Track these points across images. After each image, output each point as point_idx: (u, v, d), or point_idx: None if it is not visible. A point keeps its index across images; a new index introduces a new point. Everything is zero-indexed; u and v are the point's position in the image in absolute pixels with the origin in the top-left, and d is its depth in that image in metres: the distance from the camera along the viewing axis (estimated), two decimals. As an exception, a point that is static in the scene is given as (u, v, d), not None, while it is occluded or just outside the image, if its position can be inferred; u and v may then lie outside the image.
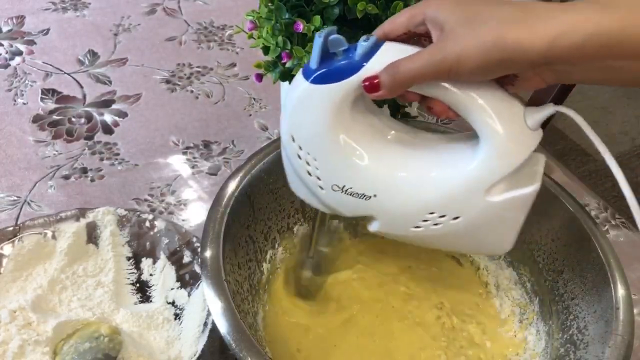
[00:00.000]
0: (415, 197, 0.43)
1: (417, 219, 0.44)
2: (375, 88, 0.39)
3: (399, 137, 0.45)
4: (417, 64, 0.37)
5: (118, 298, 0.56)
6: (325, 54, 0.40)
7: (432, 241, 0.46)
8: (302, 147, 0.43)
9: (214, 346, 0.51)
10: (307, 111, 0.42)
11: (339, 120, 0.42)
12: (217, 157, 0.74)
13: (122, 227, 0.59)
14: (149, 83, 0.84)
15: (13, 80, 0.82)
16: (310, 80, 0.41)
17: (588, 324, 0.47)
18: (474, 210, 0.42)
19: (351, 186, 0.44)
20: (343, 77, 0.40)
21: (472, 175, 0.41)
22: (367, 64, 0.39)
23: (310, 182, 0.45)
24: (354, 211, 0.45)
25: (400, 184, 0.43)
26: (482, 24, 0.35)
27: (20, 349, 0.48)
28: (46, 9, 0.96)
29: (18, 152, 0.72)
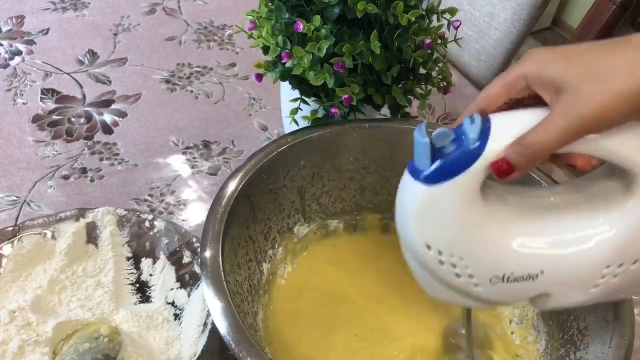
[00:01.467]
0: (585, 257, 0.39)
1: (594, 278, 0.40)
2: (508, 171, 0.36)
3: (538, 202, 0.42)
4: (552, 133, 0.35)
5: (118, 298, 0.56)
6: (434, 151, 0.37)
7: (615, 294, 0.42)
8: (442, 252, 0.39)
9: (213, 346, 0.51)
10: (437, 214, 0.39)
11: (475, 211, 0.39)
12: (217, 157, 0.74)
13: (122, 227, 0.59)
14: (148, 83, 0.84)
15: (13, 80, 0.82)
16: (428, 182, 0.37)
17: (588, 324, 0.47)
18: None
19: (512, 272, 0.40)
20: (465, 167, 0.37)
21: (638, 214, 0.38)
22: (487, 147, 0.36)
23: (461, 284, 0.41)
24: (523, 296, 0.42)
25: (564, 248, 0.40)
26: (611, 75, 0.33)
27: (19, 349, 0.48)
28: (46, 8, 0.96)
29: (18, 152, 0.72)
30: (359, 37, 0.56)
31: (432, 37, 0.59)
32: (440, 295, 0.43)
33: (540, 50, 0.37)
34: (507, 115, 0.37)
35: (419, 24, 0.56)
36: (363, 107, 0.62)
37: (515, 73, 0.37)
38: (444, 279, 0.41)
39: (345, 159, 0.59)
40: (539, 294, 0.41)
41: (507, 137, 0.36)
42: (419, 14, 0.55)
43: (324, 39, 0.55)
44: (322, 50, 0.55)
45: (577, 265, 0.40)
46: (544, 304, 0.42)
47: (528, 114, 0.36)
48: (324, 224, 0.61)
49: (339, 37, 0.56)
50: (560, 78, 0.35)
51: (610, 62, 0.34)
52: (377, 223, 0.63)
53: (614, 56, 0.34)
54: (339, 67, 0.55)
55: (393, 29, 0.56)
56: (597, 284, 0.40)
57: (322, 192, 0.60)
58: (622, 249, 0.39)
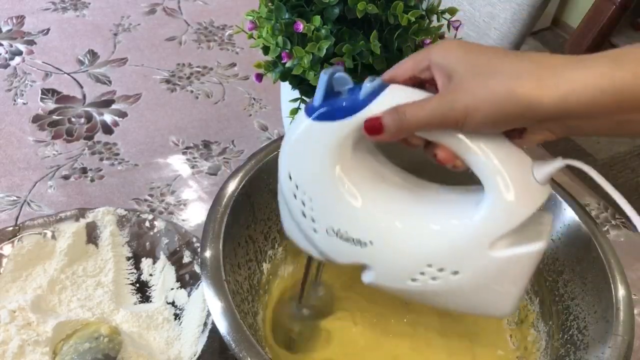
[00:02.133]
0: (413, 247, 0.41)
1: (414, 271, 0.41)
2: (377, 130, 0.38)
3: (401, 184, 0.43)
4: (425, 111, 0.36)
5: (118, 298, 0.56)
6: (330, 92, 0.39)
7: (429, 298, 0.43)
8: (298, 186, 0.42)
9: (213, 346, 0.51)
10: (307, 149, 0.41)
11: (339, 161, 0.40)
12: (217, 157, 0.74)
13: (122, 227, 0.59)
14: (149, 83, 0.84)
15: (13, 80, 0.82)
16: (312, 118, 0.39)
17: (588, 324, 0.47)
18: (475, 265, 0.40)
19: (346, 230, 0.42)
20: (345, 115, 0.39)
21: (475, 227, 0.39)
22: (370, 104, 0.38)
23: (304, 224, 0.43)
24: (348, 258, 0.43)
25: (399, 232, 0.41)
26: (493, 76, 0.34)
27: (20, 349, 0.48)
28: (46, 9, 0.96)
29: (18, 152, 0.72)
30: (359, 37, 0.56)
31: (432, 37, 0.59)
32: (292, 233, 0.45)
33: (453, 41, 0.38)
34: (402, 88, 0.39)
35: (419, 24, 0.56)
36: (363, 107, 0.61)
37: (424, 53, 0.39)
38: (294, 214, 0.43)
39: (345, 159, 0.59)
40: (363, 263, 0.43)
41: (391, 104, 0.38)
42: (419, 14, 0.55)
43: (324, 39, 0.55)
44: (322, 50, 0.55)
45: (402, 252, 0.41)
46: (366, 276, 0.44)
47: (420, 93, 0.38)
48: (324, 224, 0.61)
49: (339, 37, 0.56)
50: (453, 67, 0.36)
51: (500, 66, 0.35)
52: (377, 223, 0.63)
53: (507, 62, 0.35)
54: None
55: (393, 29, 0.56)
56: (415, 277, 0.41)
57: (322, 192, 0.60)
58: (446, 254, 0.40)
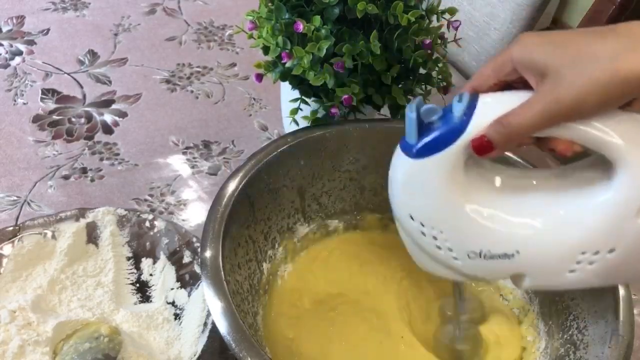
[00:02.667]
0: (561, 241, 0.40)
1: (570, 263, 0.40)
2: (487, 148, 0.37)
3: (520, 184, 0.42)
4: (530, 114, 0.36)
5: (118, 298, 0.56)
6: (421, 126, 0.39)
7: (591, 281, 0.42)
8: (424, 224, 0.41)
9: (213, 346, 0.51)
10: (421, 187, 0.40)
11: (456, 187, 0.40)
12: (217, 157, 0.74)
13: (122, 227, 0.59)
14: (149, 83, 0.84)
15: (13, 80, 0.82)
16: (414, 156, 0.39)
17: (588, 324, 0.47)
18: (628, 237, 0.39)
19: (489, 249, 0.41)
20: (449, 143, 0.38)
21: (617, 201, 0.38)
22: (470, 124, 0.37)
23: (441, 256, 0.42)
24: (500, 273, 0.43)
25: (541, 231, 0.40)
26: (592, 62, 0.34)
27: (20, 349, 0.48)
28: (46, 9, 0.96)
29: (18, 152, 0.72)
30: (359, 37, 0.56)
31: (432, 37, 0.59)
32: (428, 266, 0.45)
33: (529, 35, 0.37)
34: (494, 96, 0.38)
35: (419, 24, 0.56)
36: (363, 107, 0.62)
37: (504, 56, 0.38)
38: (427, 250, 0.43)
39: (345, 159, 0.59)
40: (515, 273, 0.42)
41: (490, 117, 0.37)
42: (419, 14, 0.55)
43: (324, 39, 0.55)
44: (322, 51, 0.55)
45: (552, 249, 0.40)
46: (522, 283, 0.43)
47: (514, 96, 0.37)
48: (324, 224, 0.61)
49: (339, 37, 0.56)
50: (545, 62, 0.35)
51: (592, 50, 0.34)
52: (377, 223, 0.63)
53: (597, 44, 0.34)
54: (339, 67, 0.55)
55: (393, 29, 0.56)
56: (572, 269, 0.41)
57: (322, 192, 0.60)
58: (598, 236, 0.39)
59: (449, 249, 0.42)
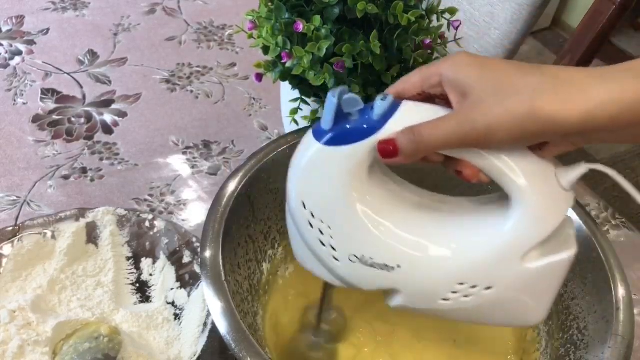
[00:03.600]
0: (443, 267, 0.40)
1: (445, 291, 0.40)
2: (392, 153, 0.36)
3: (422, 202, 0.42)
4: (443, 131, 0.35)
5: (118, 298, 0.56)
6: (340, 114, 0.37)
7: (460, 315, 0.42)
8: (314, 215, 0.40)
9: (213, 346, 0.51)
10: (321, 176, 0.39)
11: (356, 185, 0.39)
12: (217, 157, 0.74)
13: (122, 227, 0.59)
14: (149, 83, 0.84)
15: (13, 80, 0.82)
16: (323, 142, 0.38)
17: (588, 324, 0.47)
18: (508, 279, 0.39)
19: (371, 256, 0.40)
20: (360, 138, 0.37)
21: (506, 241, 0.38)
22: (385, 125, 0.37)
23: (323, 253, 0.41)
24: (374, 284, 0.42)
25: (427, 253, 0.40)
26: (512, 95, 0.34)
27: (20, 349, 0.48)
28: (46, 9, 0.96)
29: (18, 152, 0.72)
30: (359, 37, 0.56)
31: (432, 37, 0.59)
32: (306, 262, 0.43)
33: (463, 54, 0.37)
34: (417, 105, 0.38)
35: (419, 24, 0.56)
36: (363, 107, 0.61)
37: (433, 68, 0.38)
38: (310, 243, 0.41)
39: (345, 159, 0.59)
40: (390, 287, 0.42)
41: (406, 124, 0.36)
42: (419, 14, 0.55)
43: (324, 39, 0.55)
44: (322, 50, 0.55)
45: (432, 273, 0.40)
46: (394, 300, 0.42)
47: (435, 109, 0.37)
48: (324, 224, 0.61)
49: (339, 37, 0.56)
50: (469, 84, 0.35)
51: (516, 83, 0.34)
52: (377, 223, 0.63)
53: (522, 78, 0.34)
54: (339, 67, 0.55)
55: (393, 29, 0.56)
56: (446, 297, 0.40)
57: (322, 192, 0.60)
58: (479, 270, 0.39)
59: (333, 247, 0.40)
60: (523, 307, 0.41)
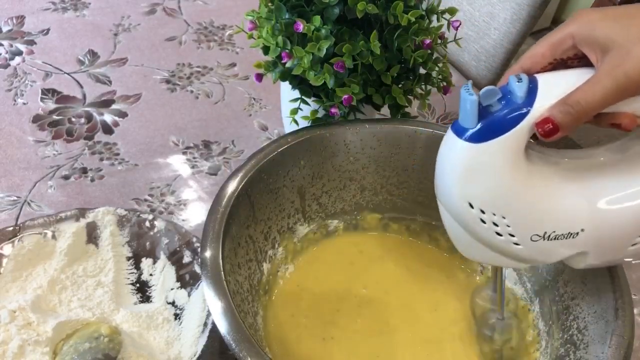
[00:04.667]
0: (626, 214, 0.40)
1: (633, 237, 0.41)
2: (553, 131, 0.36)
3: (577, 163, 0.42)
4: (599, 93, 0.35)
5: (118, 298, 0.56)
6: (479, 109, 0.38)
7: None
8: (484, 211, 0.40)
9: (213, 346, 0.51)
10: (483, 173, 0.39)
11: (519, 170, 0.39)
12: (217, 157, 0.74)
13: (122, 227, 0.59)
14: (149, 83, 0.84)
15: (13, 80, 0.82)
16: (475, 140, 0.38)
17: (588, 324, 0.47)
18: None
19: (553, 230, 0.41)
20: (513, 125, 0.37)
21: None
22: (534, 106, 0.36)
23: (502, 242, 0.42)
24: (562, 253, 0.43)
25: (605, 207, 0.40)
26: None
27: (20, 349, 0.48)
28: (46, 9, 0.96)
29: (18, 152, 0.72)
30: (359, 37, 0.56)
31: (432, 37, 0.59)
32: (475, 254, 0.44)
33: (589, 11, 0.37)
34: (554, 75, 0.37)
35: (419, 24, 0.56)
36: (363, 107, 0.62)
37: (562, 33, 0.37)
38: (484, 238, 0.42)
39: (345, 159, 0.59)
40: (577, 252, 0.42)
41: (554, 97, 0.36)
42: (419, 14, 0.55)
43: (324, 39, 0.55)
44: (322, 50, 0.55)
45: (618, 224, 0.40)
46: (580, 262, 0.43)
47: (574, 74, 0.36)
48: (324, 224, 0.61)
49: (339, 37, 0.56)
50: (609, 38, 0.35)
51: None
52: (377, 223, 0.63)
53: None
54: (339, 67, 0.55)
55: (393, 29, 0.56)
56: (635, 242, 0.41)
57: (322, 192, 0.60)
58: None
59: (511, 234, 0.41)
60: None
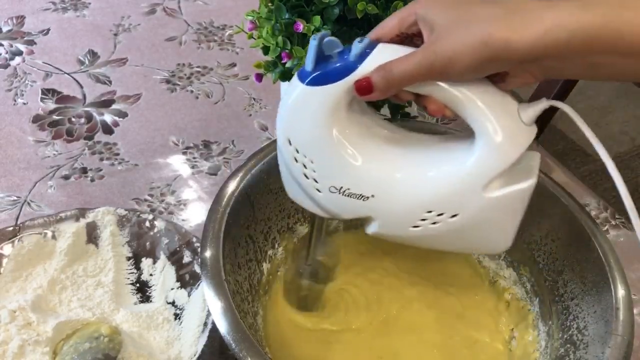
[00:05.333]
0: (413, 196, 0.43)
1: (415, 218, 0.44)
2: (367, 90, 0.39)
3: (396, 137, 0.45)
4: (410, 65, 0.38)
5: (118, 298, 0.56)
6: (321, 57, 0.41)
7: (431, 241, 0.45)
8: (298, 150, 0.43)
9: (213, 346, 0.51)
10: (303, 113, 0.42)
11: (336, 122, 0.42)
12: (217, 157, 0.74)
13: (122, 227, 0.59)
14: (149, 83, 0.84)
15: (13, 80, 0.82)
16: (305, 83, 0.41)
17: (588, 324, 0.47)
18: (471, 207, 0.42)
19: (349, 187, 0.44)
20: (338, 78, 0.40)
21: (469, 171, 0.41)
22: (360, 65, 0.39)
23: (307, 185, 0.45)
24: (352, 213, 0.45)
25: (398, 183, 0.43)
26: (471, 24, 0.35)
27: (20, 349, 0.48)
28: (46, 9, 0.96)
29: (18, 152, 0.72)
30: (359, 37, 0.56)
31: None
32: (295, 195, 0.47)
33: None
34: (390, 47, 0.40)
35: (419, 24, 0.56)
36: (363, 107, 0.62)
37: (409, 9, 0.40)
38: (296, 177, 0.45)
39: (345, 159, 0.59)
40: (366, 215, 0.45)
41: (380, 63, 0.39)
42: (418, 14, 0.55)
43: (324, 39, 0.55)
44: (322, 51, 0.55)
45: (403, 201, 0.43)
46: (370, 227, 0.46)
47: (406, 49, 0.39)
48: (324, 224, 0.61)
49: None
50: (435, 20, 0.37)
51: (475, 13, 0.36)
52: (377, 223, 0.63)
53: (481, 9, 0.36)
54: (339, 67, 0.55)
55: (393, 29, 0.56)
56: (416, 224, 0.44)
57: (322, 192, 0.60)
58: (445, 199, 0.42)
59: (315, 179, 0.44)
60: (488, 234, 0.44)
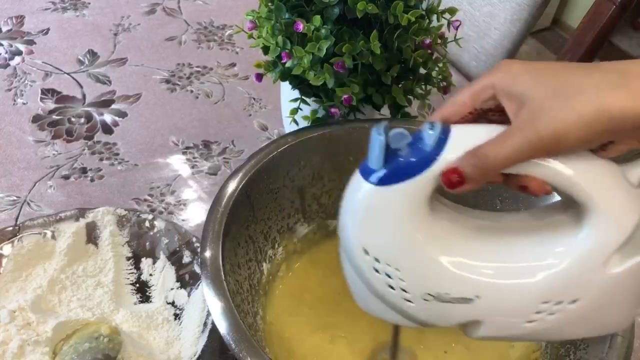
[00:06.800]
0: (524, 289, 0.38)
1: (530, 312, 0.38)
2: (458, 182, 0.34)
3: (487, 225, 0.40)
4: (508, 148, 0.33)
5: (118, 298, 0.56)
6: (387, 151, 0.36)
7: (548, 334, 0.40)
8: (379, 259, 0.37)
9: (213, 346, 0.51)
10: (381, 218, 0.37)
11: (419, 222, 0.37)
12: (217, 157, 0.74)
13: (122, 227, 0.59)
14: (148, 83, 0.84)
15: (13, 80, 0.82)
16: (377, 182, 0.36)
17: (589, 324, 0.47)
18: (592, 289, 0.37)
19: (447, 292, 0.38)
20: (416, 172, 0.35)
21: (586, 250, 0.36)
22: (441, 154, 0.35)
23: (393, 296, 0.39)
24: (454, 319, 0.39)
25: (505, 277, 0.38)
26: (576, 95, 0.32)
27: (20, 349, 0.48)
28: (46, 9, 0.96)
29: (18, 152, 0.72)
30: (359, 37, 0.56)
31: (432, 37, 0.59)
32: (372, 307, 0.41)
33: (513, 62, 0.35)
34: (468, 127, 0.36)
35: (419, 24, 0.56)
36: (363, 107, 0.62)
37: (484, 82, 0.36)
38: (377, 289, 0.39)
39: (345, 159, 0.59)
40: (471, 320, 0.39)
41: (463, 149, 0.34)
42: (419, 14, 0.55)
43: (324, 39, 0.55)
44: (322, 50, 0.55)
45: (514, 297, 0.38)
46: (474, 331, 0.40)
47: (489, 128, 0.35)
48: (324, 224, 0.61)
49: (339, 37, 0.56)
50: (526, 92, 0.33)
51: (578, 82, 0.32)
52: (377, 223, 0.62)
53: (583, 77, 0.32)
54: (339, 67, 0.55)
55: (393, 29, 0.56)
56: (531, 319, 0.38)
57: (322, 192, 0.60)
58: (562, 285, 0.37)
59: (404, 289, 0.38)
60: (609, 314, 0.39)
